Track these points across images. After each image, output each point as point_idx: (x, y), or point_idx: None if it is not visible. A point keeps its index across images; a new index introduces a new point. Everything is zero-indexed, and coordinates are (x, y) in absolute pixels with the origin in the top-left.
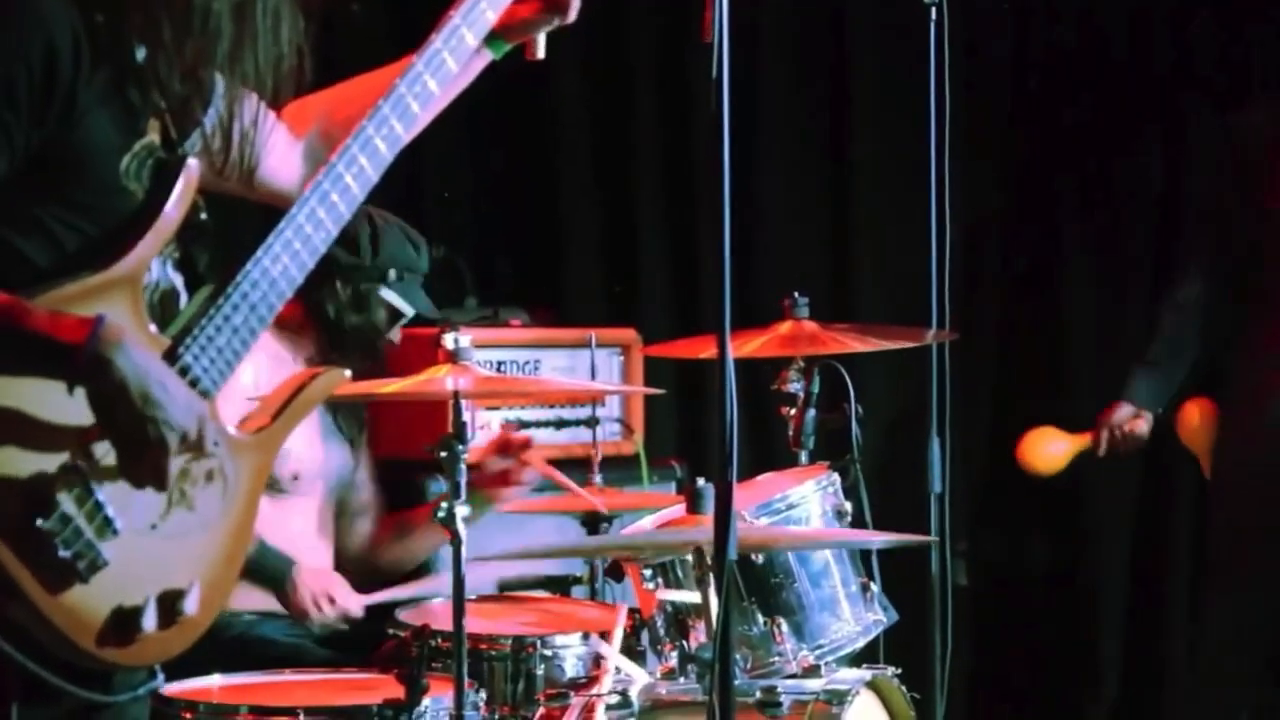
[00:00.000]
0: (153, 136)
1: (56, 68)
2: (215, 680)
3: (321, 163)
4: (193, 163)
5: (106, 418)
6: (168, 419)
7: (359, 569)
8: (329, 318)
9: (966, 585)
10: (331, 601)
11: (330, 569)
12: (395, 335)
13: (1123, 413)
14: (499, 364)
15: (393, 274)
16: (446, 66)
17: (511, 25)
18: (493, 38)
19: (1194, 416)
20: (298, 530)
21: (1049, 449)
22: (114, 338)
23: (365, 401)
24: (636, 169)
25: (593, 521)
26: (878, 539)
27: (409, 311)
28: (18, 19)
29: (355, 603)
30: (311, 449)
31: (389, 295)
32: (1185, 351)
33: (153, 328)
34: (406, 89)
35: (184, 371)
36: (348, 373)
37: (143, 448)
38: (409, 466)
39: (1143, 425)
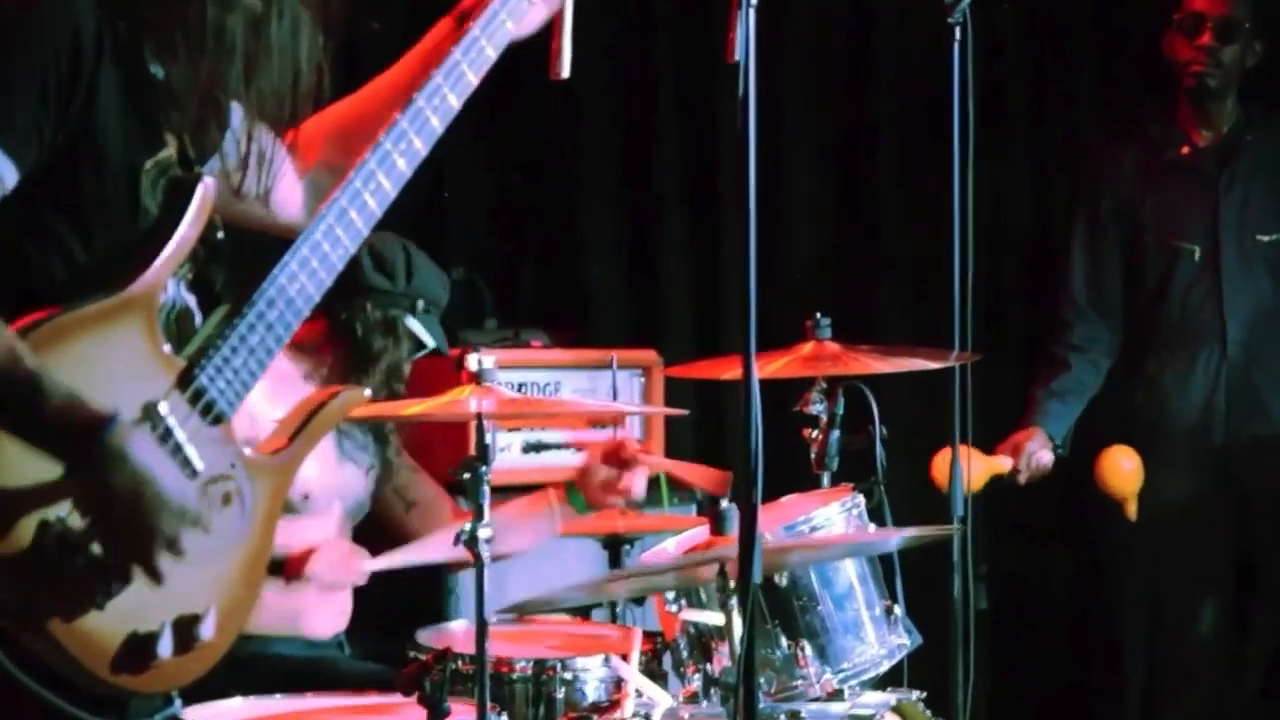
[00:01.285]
0: (169, 151)
1: (81, 58)
2: (236, 704)
3: (326, 195)
4: (209, 181)
5: (97, 509)
6: (156, 527)
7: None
8: (356, 337)
9: (986, 609)
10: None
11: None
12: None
13: (1039, 440)
14: (519, 385)
15: (421, 305)
16: (466, 79)
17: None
18: None
19: (1113, 462)
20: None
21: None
22: (120, 442)
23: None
24: (658, 189)
25: (614, 544)
26: (897, 535)
27: (430, 344)
28: (46, 10)
29: (366, 563)
30: (324, 469)
31: (414, 325)
32: (1089, 389)
33: (167, 348)
34: (425, 102)
35: (200, 394)
36: (367, 392)
37: (128, 545)
38: None
39: (1049, 456)
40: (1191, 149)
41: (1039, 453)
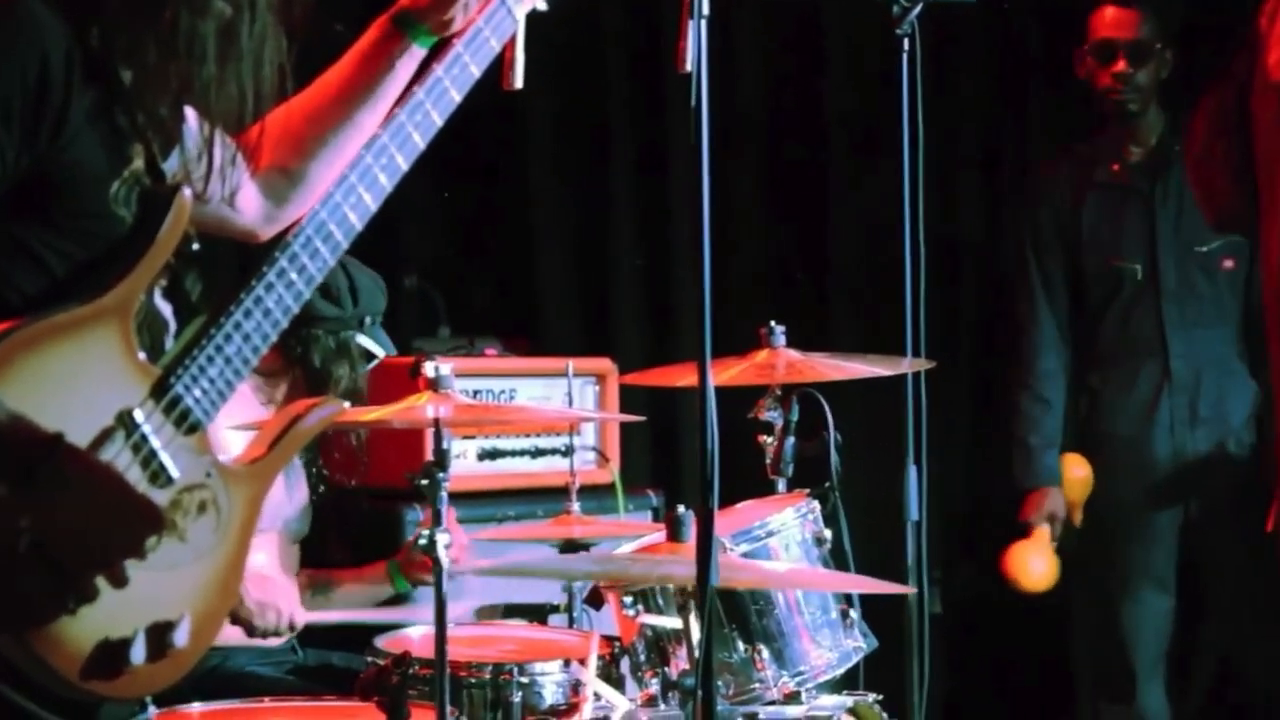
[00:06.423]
0: (139, 162)
1: (49, 84)
2: (195, 708)
3: (282, 200)
4: (186, 193)
5: (70, 517)
6: (129, 535)
7: None
8: (314, 367)
9: (940, 613)
10: (277, 611)
11: (280, 581)
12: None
13: (1056, 500)
14: (474, 392)
15: (368, 320)
16: (449, 96)
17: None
18: (415, 28)
19: (1064, 469)
20: (261, 564)
21: (1037, 569)
22: (88, 451)
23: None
24: (611, 198)
25: (570, 549)
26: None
27: (380, 354)
28: (14, 35)
29: (300, 614)
30: (275, 489)
31: (364, 341)
32: (1059, 422)
33: (143, 356)
34: (408, 118)
35: (175, 402)
36: (345, 404)
37: (101, 553)
38: (386, 495)
39: (1061, 502)
40: (1122, 166)
41: (1061, 506)
